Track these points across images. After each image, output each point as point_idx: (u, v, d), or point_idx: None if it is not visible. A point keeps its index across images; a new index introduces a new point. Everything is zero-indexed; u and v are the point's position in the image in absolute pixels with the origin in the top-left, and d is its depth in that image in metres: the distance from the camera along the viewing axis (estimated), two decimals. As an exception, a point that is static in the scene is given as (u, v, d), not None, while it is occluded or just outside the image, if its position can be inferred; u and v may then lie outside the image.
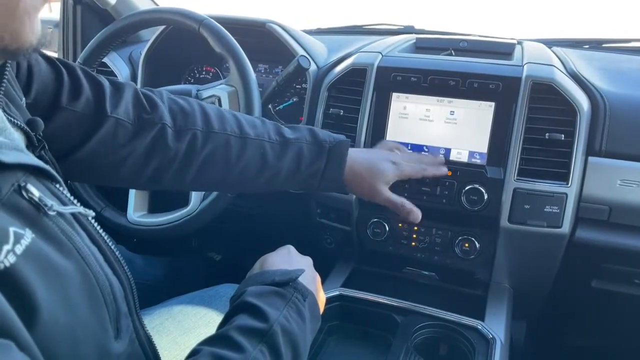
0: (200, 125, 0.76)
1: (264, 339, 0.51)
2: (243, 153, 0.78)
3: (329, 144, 0.82)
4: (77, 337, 0.40)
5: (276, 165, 0.80)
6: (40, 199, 0.39)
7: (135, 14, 1.05)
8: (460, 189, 0.93)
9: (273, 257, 0.66)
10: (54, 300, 0.37)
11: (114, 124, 0.70)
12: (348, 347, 0.89)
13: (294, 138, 0.81)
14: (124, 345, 0.47)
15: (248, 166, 0.79)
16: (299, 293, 0.58)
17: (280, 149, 0.80)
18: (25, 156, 0.41)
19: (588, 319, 1.18)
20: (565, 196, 0.89)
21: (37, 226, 0.39)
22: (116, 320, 0.46)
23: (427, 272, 1.03)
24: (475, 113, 0.95)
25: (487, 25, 1.73)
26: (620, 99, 0.95)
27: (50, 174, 0.43)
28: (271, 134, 0.81)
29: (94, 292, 0.42)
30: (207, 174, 0.78)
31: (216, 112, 0.80)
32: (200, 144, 0.75)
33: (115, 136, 0.70)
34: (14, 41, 0.41)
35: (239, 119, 0.80)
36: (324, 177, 0.81)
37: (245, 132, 0.79)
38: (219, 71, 1.35)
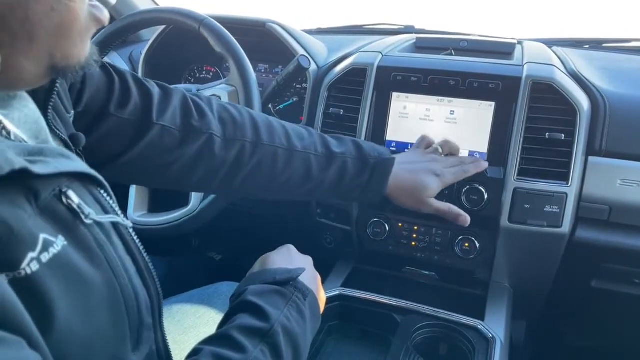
0: (249, 137, 0.77)
1: (265, 339, 0.51)
2: (289, 165, 0.79)
3: (374, 159, 0.83)
4: (92, 346, 0.40)
5: (320, 177, 0.81)
6: (79, 206, 0.40)
7: (136, 14, 1.05)
8: (460, 188, 0.93)
9: (273, 256, 0.66)
10: (72, 310, 0.37)
11: (159, 131, 0.70)
12: (348, 346, 0.89)
13: (340, 152, 0.82)
14: (141, 357, 0.47)
15: (292, 177, 0.80)
16: (300, 292, 0.58)
17: (325, 162, 0.81)
18: (70, 162, 0.41)
19: (588, 318, 1.18)
20: (566, 196, 0.89)
21: (71, 233, 0.39)
22: (137, 332, 0.45)
23: (427, 271, 1.03)
24: (476, 113, 0.95)
25: (487, 25, 1.73)
26: (620, 98, 0.95)
27: (97, 179, 0.44)
28: (317, 146, 0.82)
29: (117, 304, 0.42)
30: (252, 183, 0.79)
31: (265, 122, 0.80)
32: (248, 155, 0.76)
33: (162, 143, 0.71)
34: (64, 60, 0.41)
35: (287, 130, 0.81)
36: (367, 190, 0.82)
37: (293, 144, 0.80)
38: (219, 71, 1.35)
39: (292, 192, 0.82)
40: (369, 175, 0.82)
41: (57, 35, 0.39)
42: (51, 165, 0.38)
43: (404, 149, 0.99)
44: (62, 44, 0.40)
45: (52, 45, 0.39)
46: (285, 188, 0.81)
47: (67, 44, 0.40)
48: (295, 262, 0.65)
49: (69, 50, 0.41)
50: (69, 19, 0.39)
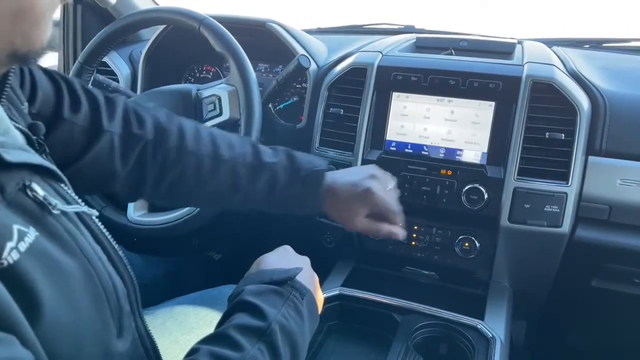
0: (174, 144, 0.77)
1: (263, 338, 0.51)
2: (215, 174, 0.78)
3: (305, 171, 0.81)
4: (79, 334, 0.40)
5: (248, 187, 0.80)
6: (44, 198, 0.40)
7: (136, 14, 1.05)
8: (460, 188, 0.93)
9: (270, 257, 0.66)
10: (57, 298, 0.37)
11: (109, 138, 0.71)
12: (348, 346, 0.89)
13: (270, 162, 0.80)
14: (127, 344, 0.47)
15: (219, 187, 0.79)
16: (297, 291, 0.58)
17: (253, 172, 0.80)
18: (31, 155, 0.41)
19: (588, 318, 1.18)
20: (566, 195, 0.89)
21: (41, 225, 0.39)
22: (119, 319, 0.46)
23: (427, 271, 1.03)
24: (476, 112, 0.95)
25: (488, 24, 1.73)
26: (620, 98, 0.95)
27: (55, 173, 0.44)
28: (247, 156, 0.80)
29: (96, 291, 0.43)
30: (178, 190, 0.78)
31: (193, 130, 0.80)
32: (171, 162, 0.76)
33: (109, 150, 0.71)
34: (25, 45, 0.40)
35: (215, 140, 0.81)
36: (300, 203, 0.81)
37: (219, 153, 0.79)
38: (219, 70, 1.35)
39: (223, 201, 0.81)
40: (301, 187, 0.80)
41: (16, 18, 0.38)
42: (15, 155, 0.38)
43: (404, 148, 0.99)
44: (21, 30, 0.38)
45: (11, 30, 0.38)
46: (215, 197, 0.80)
47: (26, 29, 0.38)
48: (293, 262, 0.65)
49: (29, 35, 0.39)
50: (27, 4, 0.38)
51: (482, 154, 0.95)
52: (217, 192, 0.80)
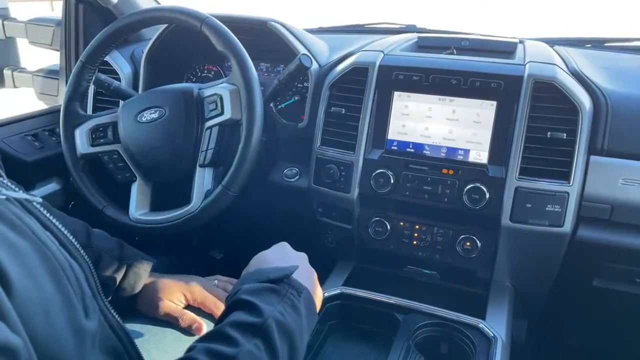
0: None
1: (259, 334, 0.51)
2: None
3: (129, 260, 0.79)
4: (49, 310, 0.40)
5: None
6: None
7: (138, 13, 1.05)
8: (462, 187, 0.93)
9: (268, 255, 0.66)
10: (21, 276, 0.38)
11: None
12: (349, 345, 0.89)
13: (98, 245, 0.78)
14: (94, 324, 0.48)
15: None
16: (294, 289, 0.58)
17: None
18: None
19: (589, 317, 1.18)
20: (567, 195, 0.89)
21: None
22: (82, 301, 0.47)
23: (428, 270, 1.03)
24: (477, 112, 0.95)
25: (489, 24, 1.73)
26: (622, 97, 0.95)
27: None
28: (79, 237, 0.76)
29: (56, 271, 0.43)
30: None
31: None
32: None
33: None
34: None
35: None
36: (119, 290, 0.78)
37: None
38: (220, 70, 1.35)
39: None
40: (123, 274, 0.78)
41: None
42: None
43: (406, 148, 0.99)
44: None
45: None
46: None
47: None
48: (290, 259, 0.65)
49: None
50: None
51: (483, 154, 0.94)
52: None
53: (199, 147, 1.00)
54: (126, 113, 1.04)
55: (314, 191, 1.06)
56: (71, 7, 1.40)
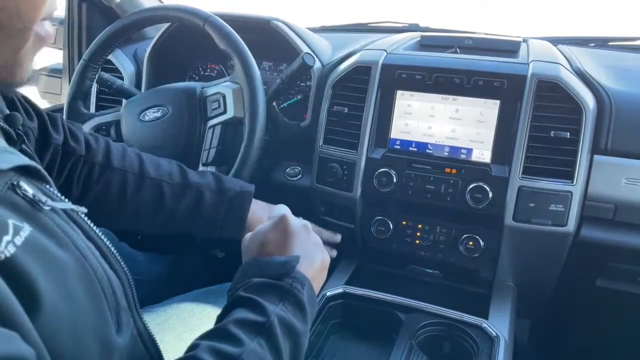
0: (99, 159, 0.78)
1: (262, 332, 0.50)
2: (139, 191, 0.79)
3: (232, 192, 0.81)
4: (78, 328, 0.40)
5: (172, 207, 0.80)
6: (34, 195, 0.40)
7: (140, 12, 1.05)
8: (465, 187, 0.93)
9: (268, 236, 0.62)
10: (54, 292, 0.38)
11: (55, 150, 0.73)
12: (352, 344, 0.89)
13: (196, 182, 0.81)
14: (126, 339, 0.47)
15: (143, 204, 0.80)
16: (297, 282, 0.56)
17: (179, 191, 0.80)
18: (16, 157, 0.42)
19: (592, 317, 1.17)
20: (570, 194, 0.89)
21: (34, 220, 0.39)
22: (117, 315, 0.46)
23: (431, 270, 1.03)
24: (480, 111, 0.95)
25: (492, 23, 1.72)
26: (626, 97, 0.95)
27: (40, 174, 0.44)
28: (173, 175, 0.81)
29: (92, 285, 0.43)
30: (101, 207, 0.79)
31: (120, 149, 0.81)
32: (96, 177, 0.78)
33: (54, 162, 0.73)
34: (8, 78, 0.42)
35: (142, 158, 0.82)
36: (225, 227, 0.80)
37: (145, 171, 0.80)
38: (223, 69, 1.35)
39: (145, 222, 0.81)
40: (227, 209, 0.80)
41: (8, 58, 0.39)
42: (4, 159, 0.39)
43: (408, 147, 0.99)
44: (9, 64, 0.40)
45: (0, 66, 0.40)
46: (136, 217, 0.81)
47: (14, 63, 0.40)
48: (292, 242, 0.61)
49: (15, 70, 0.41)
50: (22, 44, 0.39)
51: (486, 153, 0.94)
52: (140, 211, 0.80)
53: (202, 145, 1.00)
54: (129, 112, 1.04)
55: (317, 190, 1.06)
56: (74, 6, 1.40)
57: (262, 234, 0.63)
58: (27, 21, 0.38)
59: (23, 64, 0.41)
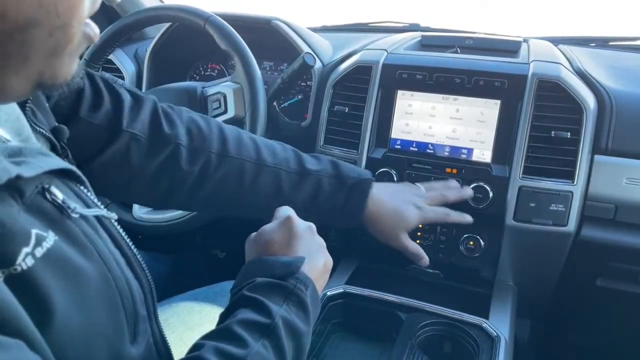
0: (215, 148, 0.75)
1: (267, 333, 0.50)
2: (257, 180, 0.76)
3: (352, 179, 0.79)
4: (90, 341, 0.40)
5: (291, 195, 0.77)
6: (63, 202, 0.40)
7: (141, 11, 1.05)
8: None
9: (273, 236, 0.62)
10: (69, 304, 0.37)
11: (128, 139, 0.69)
12: (352, 344, 0.89)
13: (315, 170, 0.78)
14: (140, 349, 0.47)
15: (261, 193, 0.77)
16: (301, 283, 0.56)
17: (298, 179, 0.78)
18: (49, 160, 0.41)
19: (593, 317, 1.17)
20: (571, 194, 0.89)
21: (60, 228, 0.39)
22: (134, 325, 0.46)
23: (431, 270, 1.03)
24: (481, 111, 0.95)
25: (493, 23, 1.72)
26: (627, 97, 0.95)
27: (75, 175, 0.44)
28: (290, 162, 0.78)
29: (112, 296, 0.43)
30: (218, 197, 0.76)
31: (235, 135, 0.78)
32: (214, 167, 0.74)
33: (129, 151, 0.70)
34: (52, 79, 0.41)
35: (257, 144, 0.78)
36: (344, 213, 0.79)
37: (262, 159, 0.77)
38: (224, 68, 1.35)
39: (261, 209, 0.78)
40: (346, 196, 0.79)
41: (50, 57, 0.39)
42: (34, 165, 0.38)
43: (409, 147, 0.99)
44: (53, 64, 0.40)
45: (44, 65, 0.39)
46: (254, 206, 0.78)
47: (57, 63, 0.40)
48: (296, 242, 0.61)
49: (59, 69, 0.41)
50: (64, 42, 0.39)
51: (487, 153, 0.94)
52: (258, 200, 0.78)
53: (203, 145, 1.00)
54: (130, 111, 1.04)
55: (317, 190, 1.06)
56: (75, 6, 1.40)
57: (267, 234, 0.63)
58: (66, 18, 0.37)
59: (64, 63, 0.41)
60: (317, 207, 0.79)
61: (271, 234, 0.63)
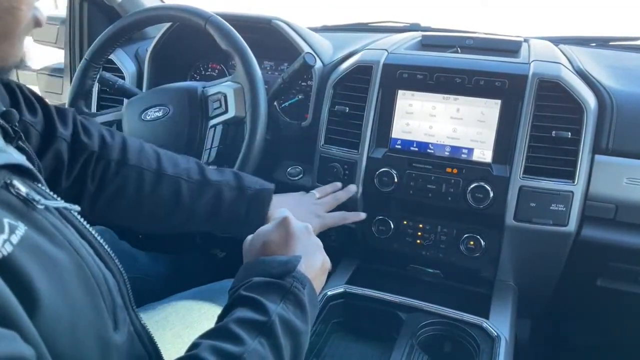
0: (115, 156, 0.77)
1: (263, 331, 0.50)
2: (156, 189, 0.78)
3: (252, 190, 0.81)
4: (76, 326, 0.40)
5: (191, 205, 0.79)
6: (27, 194, 0.40)
7: (142, 11, 1.05)
8: (466, 186, 0.93)
9: (270, 236, 0.62)
10: (52, 290, 0.38)
11: (62, 145, 0.72)
12: (352, 343, 0.89)
13: (215, 180, 0.80)
14: (123, 337, 0.47)
15: (160, 203, 0.78)
16: (298, 281, 0.56)
17: (198, 189, 0.79)
18: (9, 156, 0.42)
19: (593, 317, 1.17)
20: (572, 194, 0.89)
21: (28, 219, 0.40)
22: (113, 312, 0.46)
23: (431, 269, 1.03)
24: (481, 111, 0.95)
25: (494, 23, 1.72)
26: (627, 96, 0.95)
27: (32, 173, 0.44)
28: (191, 172, 0.80)
29: (89, 283, 0.43)
30: (116, 207, 0.78)
31: (137, 145, 0.80)
32: (111, 174, 0.76)
33: (61, 157, 0.72)
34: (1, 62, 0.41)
35: (159, 155, 0.80)
36: (246, 223, 0.80)
37: (162, 168, 0.79)
38: (224, 68, 1.36)
39: (163, 221, 0.80)
40: (247, 206, 0.80)
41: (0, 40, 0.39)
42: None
43: (410, 146, 0.99)
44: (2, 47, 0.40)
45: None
46: (154, 215, 0.79)
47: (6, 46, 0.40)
48: (293, 242, 0.62)
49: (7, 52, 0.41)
50: (12, 25, 0.39)
51: (487, 153, 0.94)
52: (158, 209, 0.79)
53: (203, 145, 1.00)
54: (130, 111, 1.04)
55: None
56: (76, 6, 1.40)
57: (264, 235, 0.63)
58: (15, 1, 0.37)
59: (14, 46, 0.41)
60: (218, 217, 0.81)
61: (268, 234, 0.63)
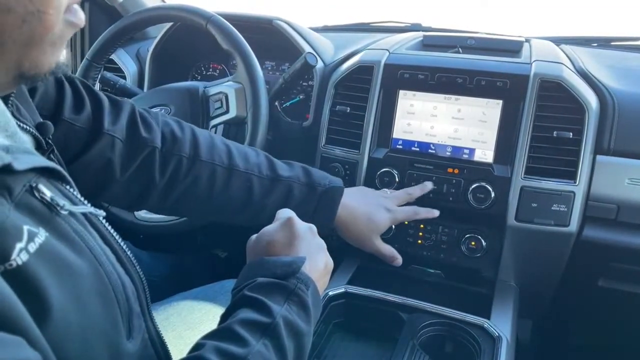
0: (187, 152, 0.76)
1: (268, 332, 0.50)
2: (228, 184, 0.77)
3: (322, 187, 0.80)
4: (88, 335, 0.40)
5: (262, 201, 0.78)
6: (52, 199, 0.40)
7: (143, 11, 1.05)
8: (467, 187, 0.93)
9: (275, 236, 0.62)
10: (65, 299, 0.37)
11: (109, 141, 0.70)
12: (353, 344, 0.89)
13: (286, 176, 0.79)
14: (136, 345, 0.47)
15: (232, 199, 0.78)
16: (302, 283, 0.56)
17: (269, 185, 0.79)
18: (37, 158, 0.41)
19: (594, 318, 1.17)
20: (573, 195, 0.89)
21: (50, 225, 0.39)
22: (128, 320, 0.46)
23: (433, 270, 1.02)
24: (483, 111, 0.95)
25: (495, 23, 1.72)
26: (628, 97, 0.94)
27: (60, 174, 0.44)
28: (262, 168, 0.79)
29: (106, 291, 0.43)
30: (188, 201, 0.77)
31: (208, 139, 0.79)
32: (184, 170, 0.75)
33: (109, 153, 0.70)
34: (32, 69, 0.40)
35: (230, 149, 0.79)
36: (314, 220, 0.78)
37: (234, 164, 0.78)
38: (225, 68, 1.36)
39: (233, 216, 0.79)
40: (316, 203, 0.79)
41: (27, 45, 0.38)
42: (22, 160, 0.38)
43: (411, 147, 0.99)
44: (31, 53, 0.39)
45: (21, 54, 0.38)
46: (224, 211, 0.79)
47: (37, 53, 0.39)
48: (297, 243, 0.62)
49: (38, 59, 0.40)
50: (41, 30, 0.38)
51: (489, 153, 0.94)
52: (228, 205, 0.78)
53: (204, 145, 1.00)
54: (131, 111, 1.04)
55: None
56: (77, 6, 1.40)
57: (269, 234, 0.63)
58: (40, 4, 0.36)
59: (46, 53, 0.40)
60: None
61: (272, 234, 0.63)
